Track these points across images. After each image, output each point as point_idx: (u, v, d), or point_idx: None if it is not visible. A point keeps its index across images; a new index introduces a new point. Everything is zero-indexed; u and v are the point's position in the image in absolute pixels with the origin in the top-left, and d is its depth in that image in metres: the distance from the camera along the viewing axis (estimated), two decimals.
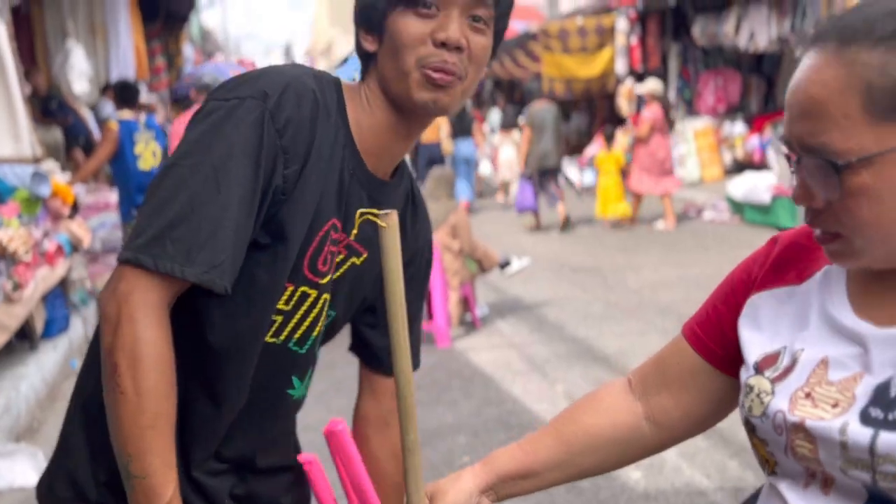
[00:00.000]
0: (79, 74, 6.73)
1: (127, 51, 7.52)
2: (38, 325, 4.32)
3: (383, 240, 0.88)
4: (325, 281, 1.05)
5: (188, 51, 12.51)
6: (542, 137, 8.07)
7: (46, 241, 4.36)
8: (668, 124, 8.53)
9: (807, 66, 0.75)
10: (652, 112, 7.97)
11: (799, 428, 0.78)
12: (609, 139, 8.93)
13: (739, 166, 9.84)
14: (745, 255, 1.07)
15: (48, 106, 6.90)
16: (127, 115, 5.47)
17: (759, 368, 0.84)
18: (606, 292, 5.87)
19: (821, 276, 0.85)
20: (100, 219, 6.08)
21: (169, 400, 0.91)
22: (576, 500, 2.94)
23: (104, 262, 6.00)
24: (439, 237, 4.84)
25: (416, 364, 1.12)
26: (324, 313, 1.09)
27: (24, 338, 4.28)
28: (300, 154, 0.97)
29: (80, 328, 4.94)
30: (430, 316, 4.95)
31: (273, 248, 0.99)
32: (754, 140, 9.65)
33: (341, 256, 1.07)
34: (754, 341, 0.86)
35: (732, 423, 3.36)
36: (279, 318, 1.04)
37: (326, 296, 1.07)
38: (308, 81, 0.99)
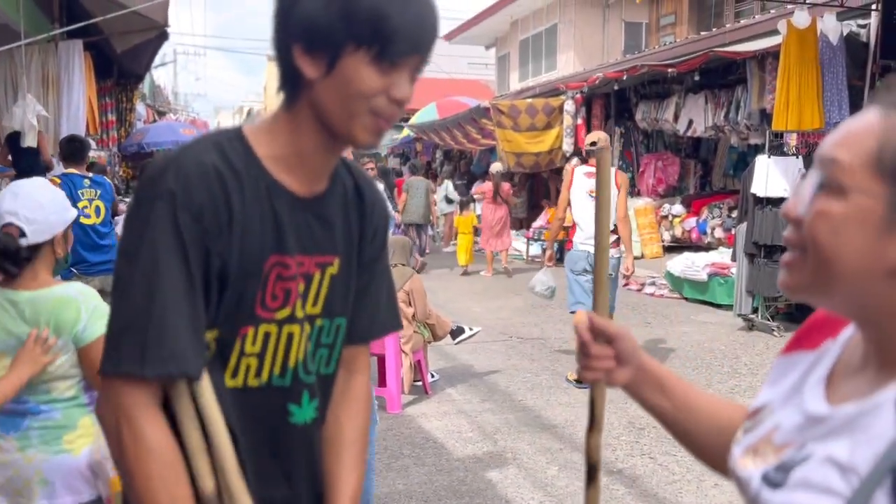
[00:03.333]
0: (29, 127, 6.67)
1: (79, 105, 7.51)
2: None
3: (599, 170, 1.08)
4: (281, 315, 1.12)
5: (140, 108, 12.51)
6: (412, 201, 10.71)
7: None
8: (503, 196, 10.88)
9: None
10: (482, 186, 11.23)
11: (734, 474, 0.88)
12: (463, 207, 11.54)
13: (678, 245, 10.26)
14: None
15: (15, 146, 6.82)
16: (72, 169, 5.44)
17: (747, 418, 0.94)
18: (553, 362, 6.00)
19: (828, 345, 0.92)
20: None
21: (179, 484, 1.02)
22: None
23: None
24: None
25: (397, 325, 1.33)
26: (299, 342, 1.15)
27: None
28: (223, 227, 1.05)
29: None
30: (382, 381, 4.98)
31: (226, 304, 1.09)
32: (691, 221, 10.11)
33: (302, 286, 1.15)
34: (760, 396, 0.95)
35: (676, 492, 3.40)
36: (253, 362, 1.13)
37: (292, 328, 1.14)
38: (206, 158, 1.05)
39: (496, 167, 10.99)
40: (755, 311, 6.96)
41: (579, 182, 5.57)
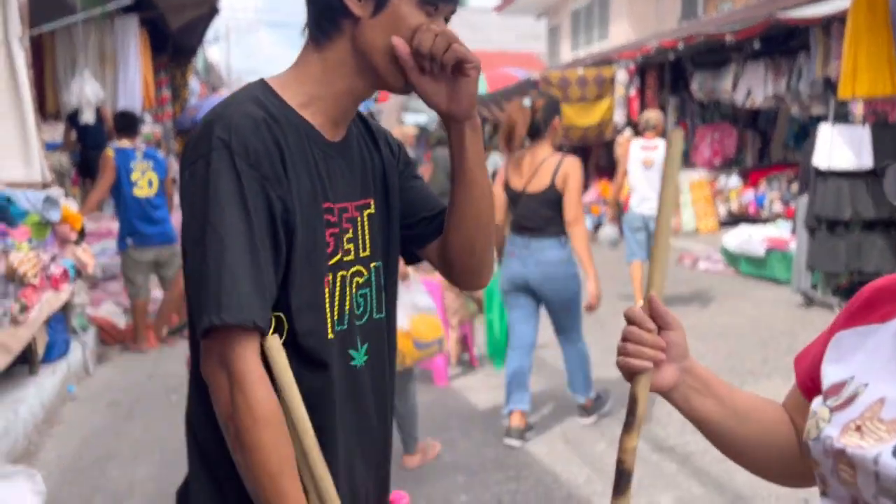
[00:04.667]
0: (87, 103, 6.83)
1: (135, 81, 7.64)
2: (40, 349, 4.33)
3: (669, 152, 1.01)
4: (333, 262, 1.14)
5: (194, 83, 12.69)
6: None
7: (53, 265, 4.39)
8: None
9: None
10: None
11: (841, 454, 0.82)
12: None
13: (734, 219, 9.98)
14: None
15: (77, 123, 7.00)
16: (125, 143, 5.55)
17: (825, 396, 0.89)
18: (604, 336, 5.91)
19: None
20: (101, 245, 6.12)
21: (288, 444, 1.04)
22: None
23: (104, 288, 6.02)
24: (440, 277, 4.89)
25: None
26: (349, 287, 1.17)
27: (24, 361, 4.28)
28: (280, 174, 1.06)
29: (79, 353, 4.94)
30: None
31: (301, 253, 1.09)
32: (749, 194, 9.81)
33: (350, 231, 1.17)
34: (829, 373, 0.91)
35: (728, 471, 3.35)
36: (334, 312, 1.15)
37: (346, 273, 1.16)
38: (249, 109, 1.06)
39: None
40: (815, 287, 6.73)
41: (635, 154, 6.50)
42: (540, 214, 3.76)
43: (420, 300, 3.57)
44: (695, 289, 7.68)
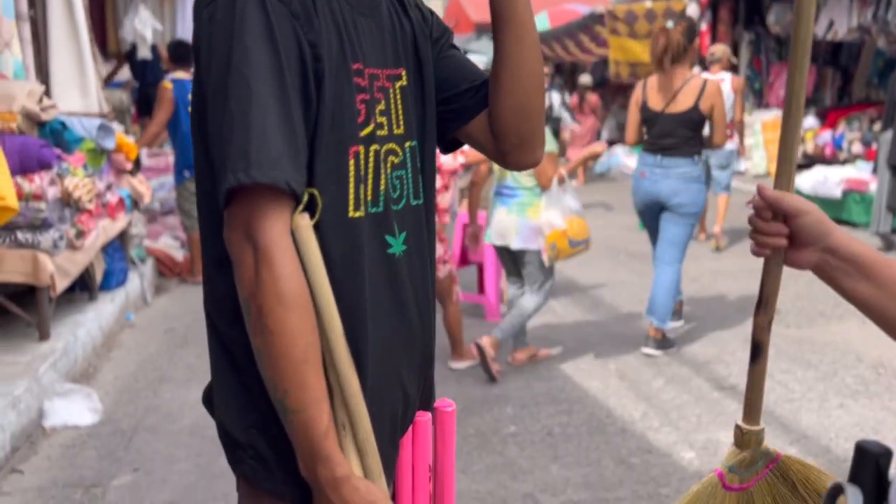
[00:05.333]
0: (141, 39, 6.82)
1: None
2: (98, 276, 4.41)
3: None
4: (366, 133, 1.01)
5: None
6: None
7: (109, 194, 4.43)
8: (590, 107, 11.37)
9: None
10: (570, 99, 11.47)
11: None
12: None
13: (809, 161, 9.48)
14: None
15: (135, 60, 7.03)
16: (181, 74, 5.50)
17: None
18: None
19: None
20: (159, 180, 6.19)
21: (314, 331, 0.92)
22: (626, 475, 2.84)
23: (162, 222, 6.10)
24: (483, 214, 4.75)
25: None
26: (384, 166, 1.05)
27: (84, 288, 4.37)
28: (310, 12, 0.94)
29: (136, 283, 5.03)
30: (482, 289, 4.88)
31: (327, 114, 0.97)
32: (826, 135, 9.27)
33: (382, 103, 1.04)
34: None
35: (794, 411, 3.17)
36: (361, 189, 1.02)
37: (379, 147, 1.03)
38: None
39: (584, 79, 11.04)
40: (895, 230, 6.33)
41: None
42: (678, 134, 3.94)
43: (572, 203, 3.81)
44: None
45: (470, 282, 5.10)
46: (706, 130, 4.06)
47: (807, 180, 7.80)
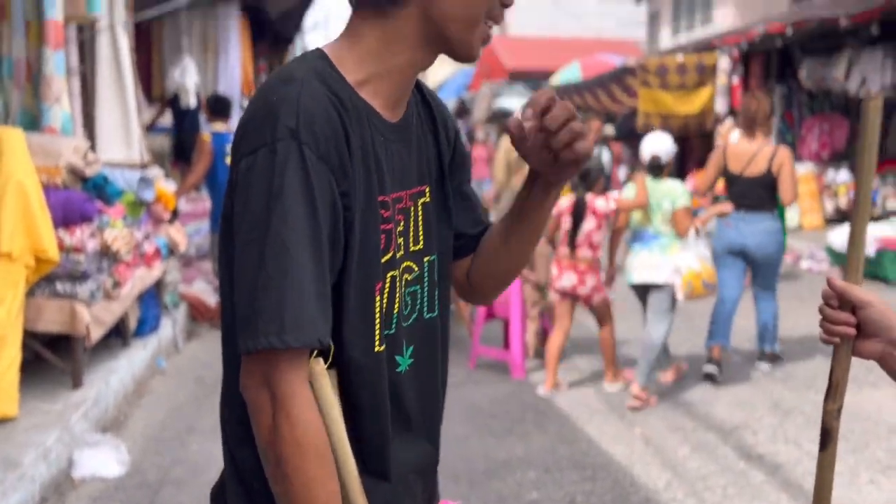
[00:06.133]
0: (183, 89, 7.05)
1: (235, 67, 7.85)
2: (132, 323, 4.52)
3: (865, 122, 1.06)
4: (385, 260, 1.03)
5: None
6: None
7: (146, 243, 4.56)
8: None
9: None
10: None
11: None
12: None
13: (841, 216, 9.37)
14: None
15: (177, 107, 7.24)
16: (219, 126, 5.68)
17: None
18: (693, 335, 5.65)
19: None
20: (196, 226, 6.33)
21: (334, 478, 0.93)
22: None
23: (197, 267, 6.23)
24: None
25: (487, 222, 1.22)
26: (399, 286, 1.06)
27: (118, 334, 4.47)
28: (346, 164, 0.95)
29: (169, 329, 5.13)
30: (507, 345, 4.89)
31: (354, 255, 0.98)
32: None
33: (402, 224, 1.06)
34: None
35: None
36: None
37: (395, 272, 1.05)
38: (315, 85, 0.95)
39: (607, 130, 10.90)
40: None
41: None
42: (757, 193, 4.54)
43: (704, 251, 4.38)
44: (796, 288, 7.25)
45: (494, 337, 5.11)
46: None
47: (839, 237, 7.72)
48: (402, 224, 1.06)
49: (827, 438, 1.16)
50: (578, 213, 4.30)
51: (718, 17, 16.04)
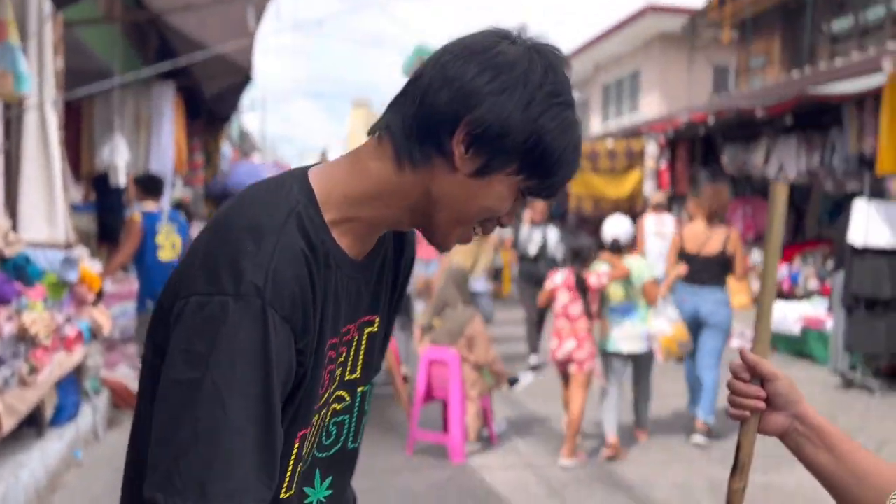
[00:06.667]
0: (112, 168, 6.91)
1: (168, 146, 7.77)
2: (48, 412, 4.24)
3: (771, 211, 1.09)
4: (320, 403, 0.98)
5: (226, 149, 12.94)
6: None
7: (68, 327, 4.34)
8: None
9: None
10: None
11: None
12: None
13: None
14: None
15: (103, 185, 7.05)
16: (150, 206, 5.57)
17: None
18: (630, 415, 5.67)
19: None
20: (121, 307, 6.10)
21: None
22: None
23: (121, 350, 5.96)
24: (457, 349, 4.75)
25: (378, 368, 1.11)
26: (327, 415, 1.01)
27: (32, 423, 4.19)
28: (308, 322, 0.89)
29: (89, 417, 4.84)
30: (446, 428, 4.79)
31: (294, 407, 0.93)
32: (782, 270, 9.56)
33: (343, 354, 1.01)
34: None
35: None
36: (299, 465, 0.98)
37: (326, 407, 1.00)
38: (291, 234, 0.88)
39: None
40: (853, 368, 6.43)
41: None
42: (712, 270, 5.15)
43: (672, 313, 4.85)
44: (725, 368, 7.40)
45: (433, 419, 5.00)
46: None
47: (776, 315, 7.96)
48: (342, 355, 1.01)
49: None
50: (581, 287, 4.72)
51: (645, 106, 16.86)
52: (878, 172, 6.03)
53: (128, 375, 5.58)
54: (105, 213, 7.17)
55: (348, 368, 1.03)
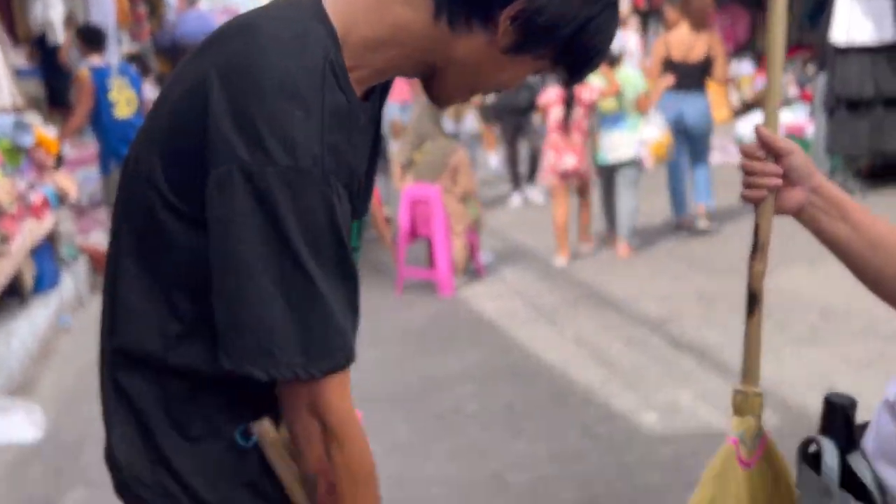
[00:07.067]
0: (49, 25, 6.41)
1: None
2: (28, 280, 4.18)
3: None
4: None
5: None
6: None
7: (32, 193, 4.19)
8: None
9: None
10: None
11: None
12: None
13: (747, 107, 9.59)
14: None
15: (45, 47, 6.59)
16: (95, 60, 5.21)
17: None
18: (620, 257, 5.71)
19: None
20: (85, 172, 5.88)
21: (379, 499, 0.93)
22: (591, 445, 2.82)
23: (92, 216, 5.82)
24: (441, 181, 4.65)
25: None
26: None
27: (14, 294, 4.14)
28: (354, 180, 0.88)
29: (70, 284, 4.79)
30: (433, 264, 4.80)
31: None
32: (762, 80, 9.37)
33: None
34: None
35: None
36: None
37: None
38: (332, 88, 0.82)
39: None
40: (834, 171, 6.45)
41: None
42: (696, 77, 5.31)
43: (660, 121, 5.11)
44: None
45: (419, 259, 5.00)
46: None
47: (747, 127, 7.89)
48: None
49: (754, 302, 1.10)
50: (569, 102, 4.85)
51: None
52: None
53: (104, 240, 5.48)
54: (52, 76, 6.74)
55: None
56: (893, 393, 0.84)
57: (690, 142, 5.46)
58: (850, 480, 0.87)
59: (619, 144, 4.98)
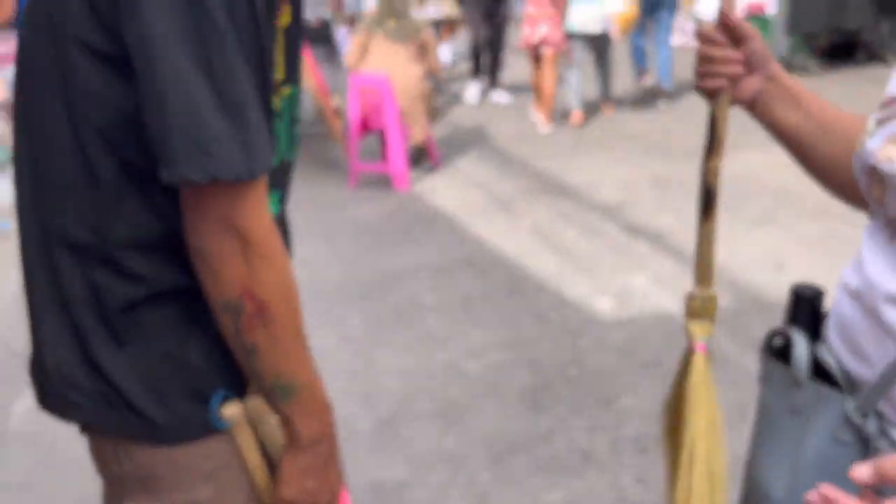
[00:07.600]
0: None
1: None
2: None
3: None
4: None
5: None
6: None
7: None
8: None
9: None
10: None
11: (873, 171, 0.75)
12: None
13: None
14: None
15: None
16: None
17: (880, 107, 0.80)
18: (572, 126, 5.62)
19: None
20: (13, 70, 5.53)
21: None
22: (545, 330, 2.84)
23: None
24: (409, 49, 4.46)
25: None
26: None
27: None
28: None
29: (7, 188, 4.58)
30: (385, 157, 4.68)
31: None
32: None
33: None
34: (891, 85, 0.80)
35: None
36: None
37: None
38: None
39: None
40: (793, 51, 6.38)
41: None
42: None
43: None
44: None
45: (372, 151, 4.87)
46: None
47: (705, 7, 7.68)
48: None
49: (710, 199, 1.01)
50: None
51: None
52: None
53: None
54: None
55: (274, 69, 0.89)
56: (855, 282, 0.80)
57: (655, 9, 5.74)
58: (816, 372, 0.85)
59: (590, 17, 5.25)
